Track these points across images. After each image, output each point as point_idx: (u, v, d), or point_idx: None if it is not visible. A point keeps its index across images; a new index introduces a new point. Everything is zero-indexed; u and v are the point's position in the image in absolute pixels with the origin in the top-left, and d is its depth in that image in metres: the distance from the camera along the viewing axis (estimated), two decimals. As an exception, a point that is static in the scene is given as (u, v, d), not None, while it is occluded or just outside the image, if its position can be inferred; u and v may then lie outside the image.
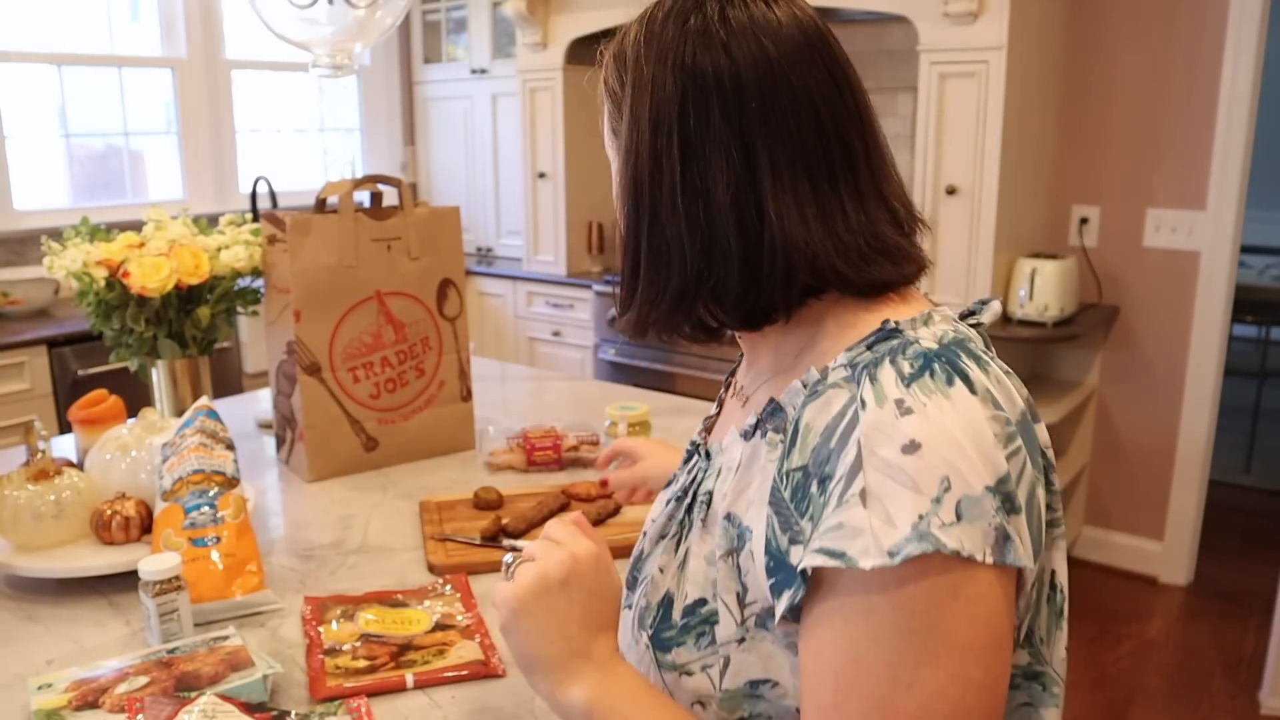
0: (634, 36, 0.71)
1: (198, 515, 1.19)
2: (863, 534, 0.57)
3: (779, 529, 0.62)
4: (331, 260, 1.57)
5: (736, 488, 0.68)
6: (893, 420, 0.58)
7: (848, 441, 0.60)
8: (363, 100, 4.55)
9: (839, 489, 0.59)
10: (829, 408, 0.62)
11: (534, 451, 1.64)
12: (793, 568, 0.61)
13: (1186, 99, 2.94)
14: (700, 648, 0.68)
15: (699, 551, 0.70)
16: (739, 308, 0.69)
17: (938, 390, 0.60)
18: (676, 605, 0.70)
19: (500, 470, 1.65)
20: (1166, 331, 3.08)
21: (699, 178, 0.66)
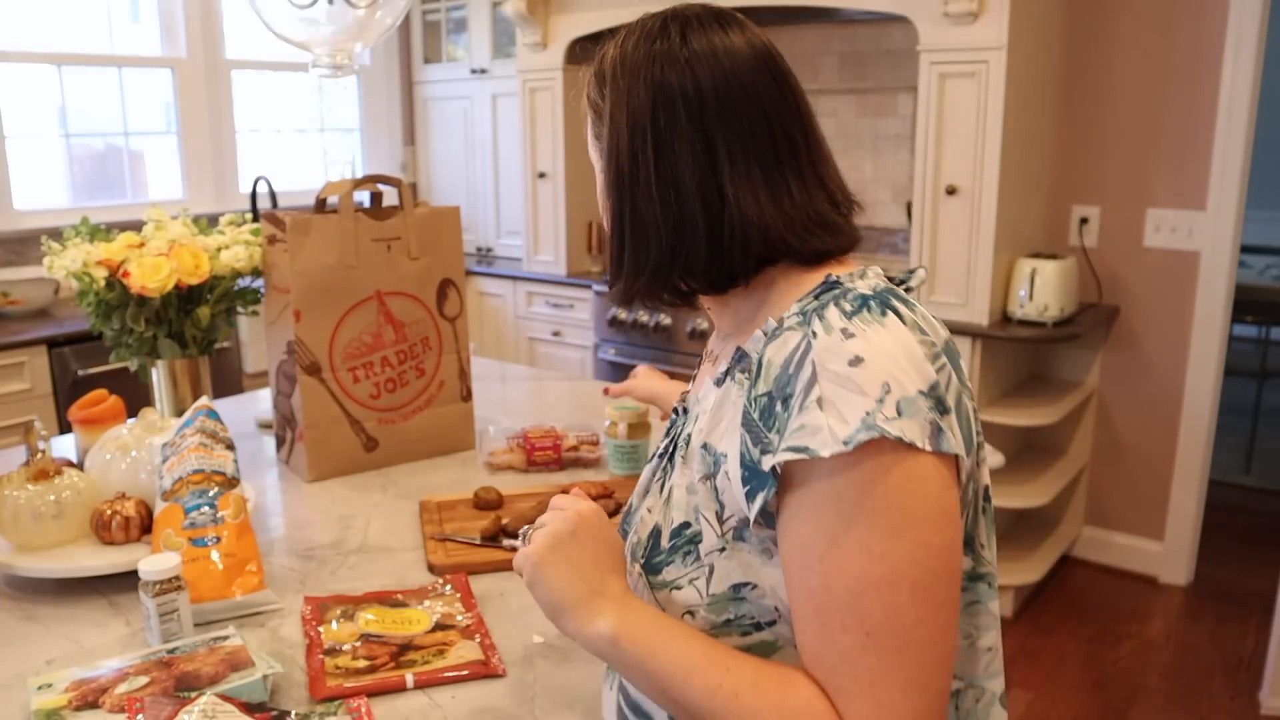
0: (611, 57, 0.86)
1: (198, 515, 1.19)
2: (821, 430, 0.69)
3: (751, 445, 0.74)
4: (331, 260, 1.57)
5: (711, 423, 0.80)
6: (839, 343, 0.72)
7: (804, 364, 0.72)
8: (363, 100, 4.55)
9: (799, 400, 0.71)
10: (786, 345, 0.75)
11: (534, 451, 1.64)
12: (764, 473, 0.72)
13: (1186, 99, 2.94)
14: (686, 564, 0.80)
15: (680, 483, 0.82)
16: (707, 275, 0.82)
17: (875, 320, 0.73)
18: (664, 533, 0.82)
19: (500, 470, 1.65)
20: (1166, 331, 3.08)
21: (670, 170, 0.80)
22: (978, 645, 0.83)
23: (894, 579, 0.69)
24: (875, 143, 3.50)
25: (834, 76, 3.54)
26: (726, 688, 0.73)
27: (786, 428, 0.71)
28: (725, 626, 0.78)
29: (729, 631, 0.78)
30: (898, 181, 3.48)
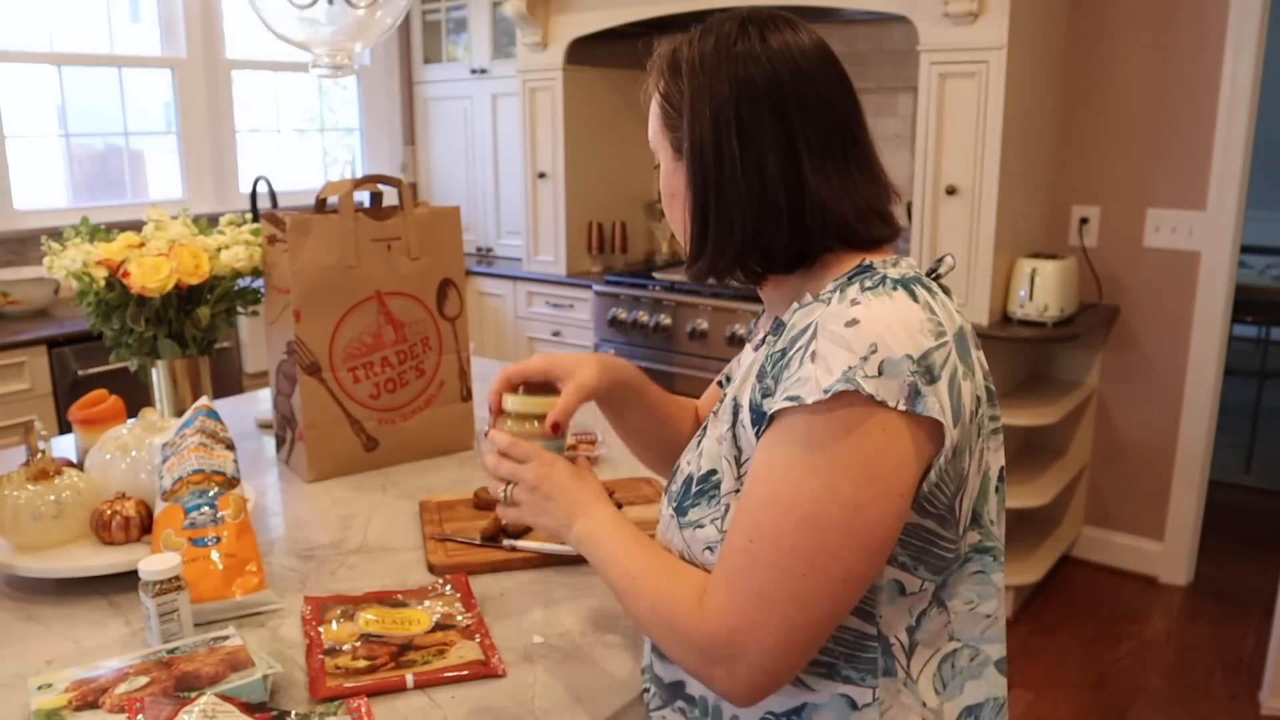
0: (689, 55, 0.92)
1: (198, 515, 1.19)
2: (809, 381, 0.78)
3: (758, 392, 0.84)
4: (331, 260, 1.57)
5: (743, 380, 0.89)
6: (844, 309, 0.81)
7: (809, 325, 0.82)
8: (363, 100, 4.55)
9: (798, 355, 0.81)
10: (810, 314, 0.84)
11: None
12: (765, 415, 0.82)
13: (1186, 99, 2.94)
14: (709, 506, 0.88)
15: (713, 435, 0.91)
16: (784, 257, 0.90)
17: (884, 294, 0.82)
18: (694, 480, 0.91)
19: None
20: (1166, 331, 3.08)
21: (755, 159, 0.88)
22: (977, 611, 0.92)
23: (791, 505, 0.78)
24: (875, 142, 3.50)
25: (834, 76, 3.53)
26: (629, 573, 0.89)
27: (783, 378, 0.81)
28: None
29: None
30: (898, 181, 3.42)
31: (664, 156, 0.97)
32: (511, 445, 0.99)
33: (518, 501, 0.98)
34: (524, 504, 0.98)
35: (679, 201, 0.95)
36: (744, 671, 0.80)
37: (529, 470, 0.98)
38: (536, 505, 0.97)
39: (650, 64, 1.00)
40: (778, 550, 0.78)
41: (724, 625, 0.80)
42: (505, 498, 0.99)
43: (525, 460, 0.98)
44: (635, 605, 0.89)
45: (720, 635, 0.80)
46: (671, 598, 0.85)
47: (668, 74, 0.96)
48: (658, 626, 0.86)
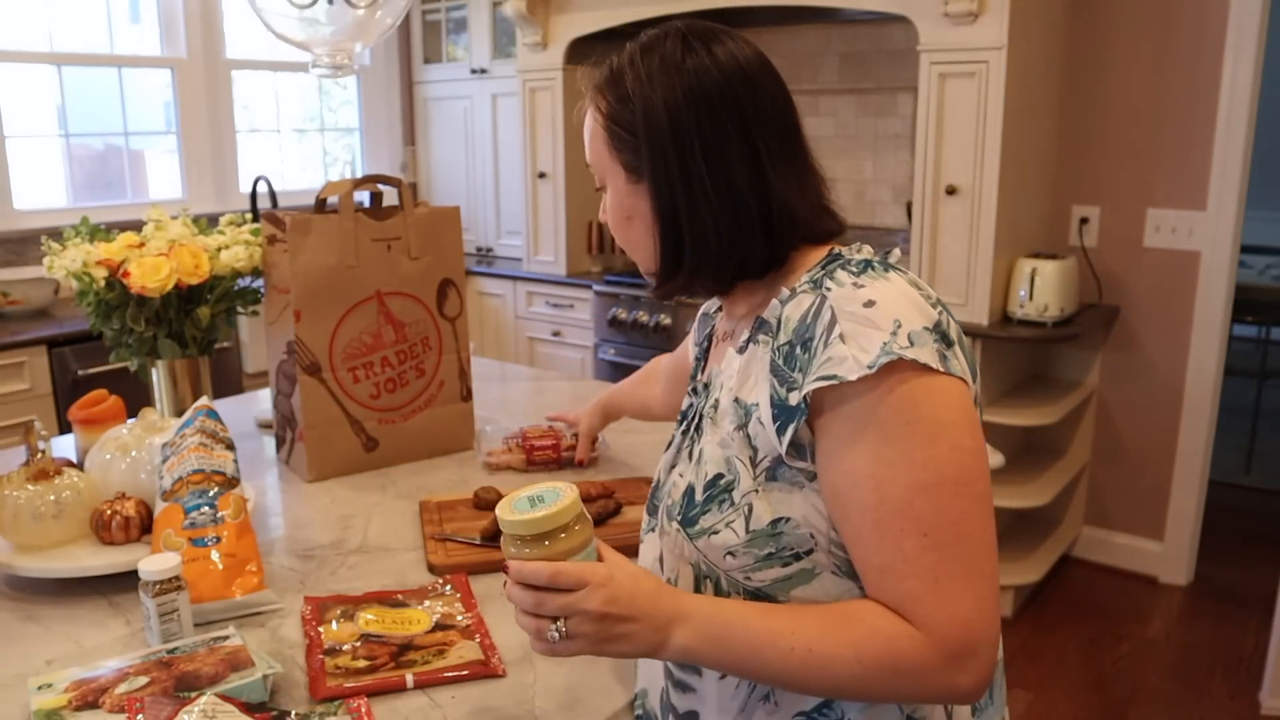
0: (635, 74, 0.92)
1: (198, 515, 1.19)
2: (846, 360, 0.78)
3: (779, 386, 0.83)
4: (331, 260, 1.57)
5: (740, 381, 0.88)
6: (853, 291, 0.82)
7: (821, 312, 0.82)
8: (363, 100, 4.55)
9: (822, 340, 0.80)
10: (801, 304, 0.85)
11: (533, 451, 1.64)
12: (792, 407, 0.81)
13: (1186, 99, 2.94)
14: (722, 510, 0.86)
15: (712, 441, 0.89)
16: (759, 263, 0.90)
17: (880, 276, 0.84)
18: (697, 489, 0.89)
19: (499, 470, 1.65)
20: (1166, 331, 3.08)
21: (722, 173, 0.87)
22: None
23: (938, 481, 0.77)
24: (875, 143, 3.50)
25: (834, 76, 3.54)
26: (798, 648, 0.79)
27: (811, 365, 0.80)
28: (767, 560, 0.84)
29: (770, 564, 0.84)
30: (898, 181, 3.47)
31: (613, 180, 0.95)
32: (555, 575, 0.79)
33: (578, 634, 0.80)
34: (589, 635, 0.80)
35: (637, 223, 0.93)
36: (986, 656, 0.77)
37: (589, 598, 0.79)
38: (608, 632, 0.80)
39: (583, 86, 1.01)
40: (954, 525, 0.77)
41: (958, 627, 0.76)
42: (558, 635, 0.80)
43: (578, 587, 0.79)
44: (827, 676, 0.79)
45: (958, 638, 0.76)
46: (875, 642, 0.77)
47: (610, 95, 0.95)
48: (876, 679, 0.78)
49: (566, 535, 0.81)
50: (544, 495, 0.83)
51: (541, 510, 0.80)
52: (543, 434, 1.67)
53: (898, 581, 0.78)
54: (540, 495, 0.83)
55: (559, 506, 0.81)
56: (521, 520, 0.80)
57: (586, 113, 0.99)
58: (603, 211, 0.99)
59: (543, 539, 0.81)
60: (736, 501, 0.85)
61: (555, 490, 0.83)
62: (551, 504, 0.81)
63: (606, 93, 0.96)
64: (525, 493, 0.83)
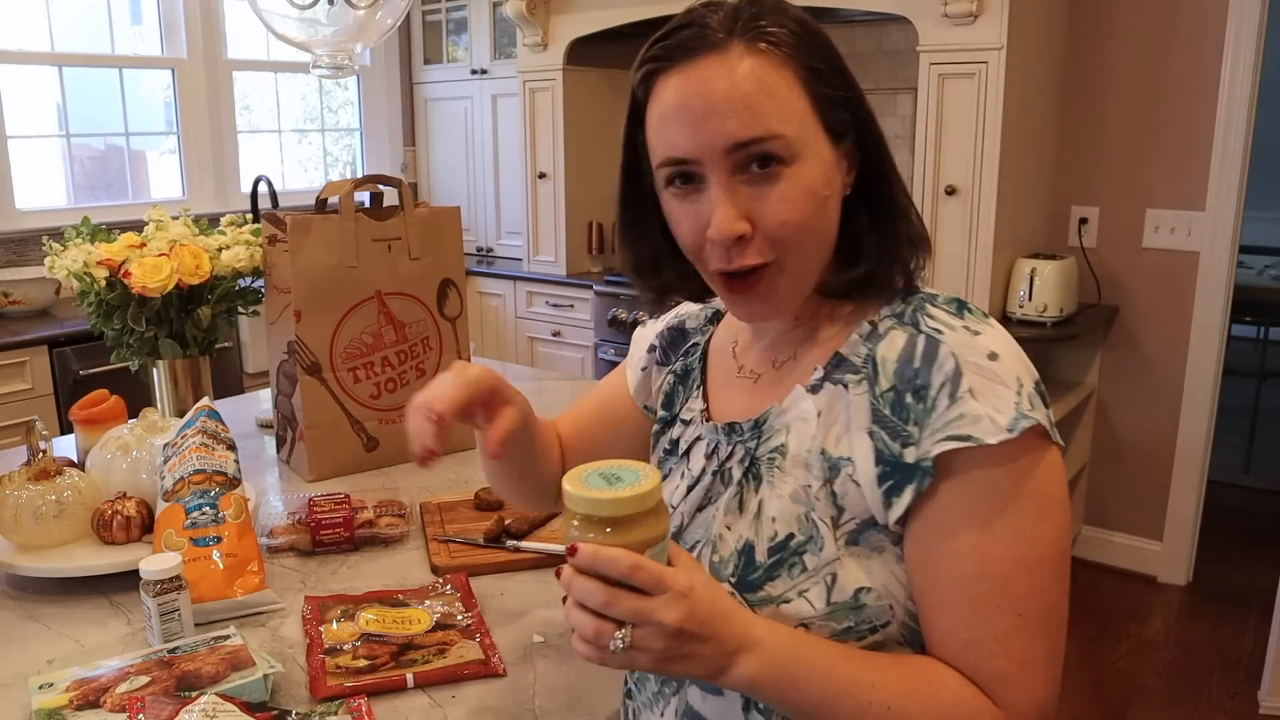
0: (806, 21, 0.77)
1: (199, 515, 1.19)
2: (981, 420, 0.70)
3: (889, 440, 0.74)
4: (332, 260, 1.57)
5: (823, 429, 0.78)
6: (970, 338, 0.74)
7: (935, 358, 0.73)
8: (363, 100, 4.55)
9: (944, 392, 0.72)
10: (896, 344, 0.76)
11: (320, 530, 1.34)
12: (910, 465, 0.72)
13: (1186, 99, 2.94)
14: (793, 577, 0.76)
15: (782, 493, 0.79)
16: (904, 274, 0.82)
17: (984, 320, 0.76)
18: (758, 548, 0.79)
19: (280, 554, 1.38)
20: (1165, 332, 3.08)
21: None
22: None
23: (1040, 561, 0.72)
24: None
25: (834, 77, 3.53)
26: (876, 703, 0.71)
27: (929, 419, 0.72)
28: (844, 635, 0.75)
29: (846, 639, 0.75)
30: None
31: (814, 149, 0.75)
32: (636, 569, 0.65)
33: (644, 649, 0.66)
34: (655, 652, 0.66)
35: (833, 205, 0.78)
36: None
37: (668, 609, 0.65)
38: (676, 651, 0.67)
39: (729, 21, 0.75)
40: (1047, 609, 0.73)
41: (1035, 711, 0.73)
42: (621, 645, 0.66)
43: (657, 590, 0.65)
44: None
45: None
46: (958, 713, 0.72)
47: (799, 30, 0.75)
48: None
49: (644, 524, 0.67)
50: (620, 473, 0.69)
51: (624, 490, 0.66)
52: (333, 506, 1.36)
53: (984, 659, 0.72)
54: (615, 473, 0.69)
55: (644, 487, 0.67)
56: (603, 499, 0.66)
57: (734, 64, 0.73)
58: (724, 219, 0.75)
59: (617, 525, 0.66)
60: (811, 567, 0.76)
61: (633, 470, 0.69)
62: (632, 484, 0.67)
63: (787, 31, 0.75)
64: (595, 468, 0.70)
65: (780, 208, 0.75)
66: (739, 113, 0.73)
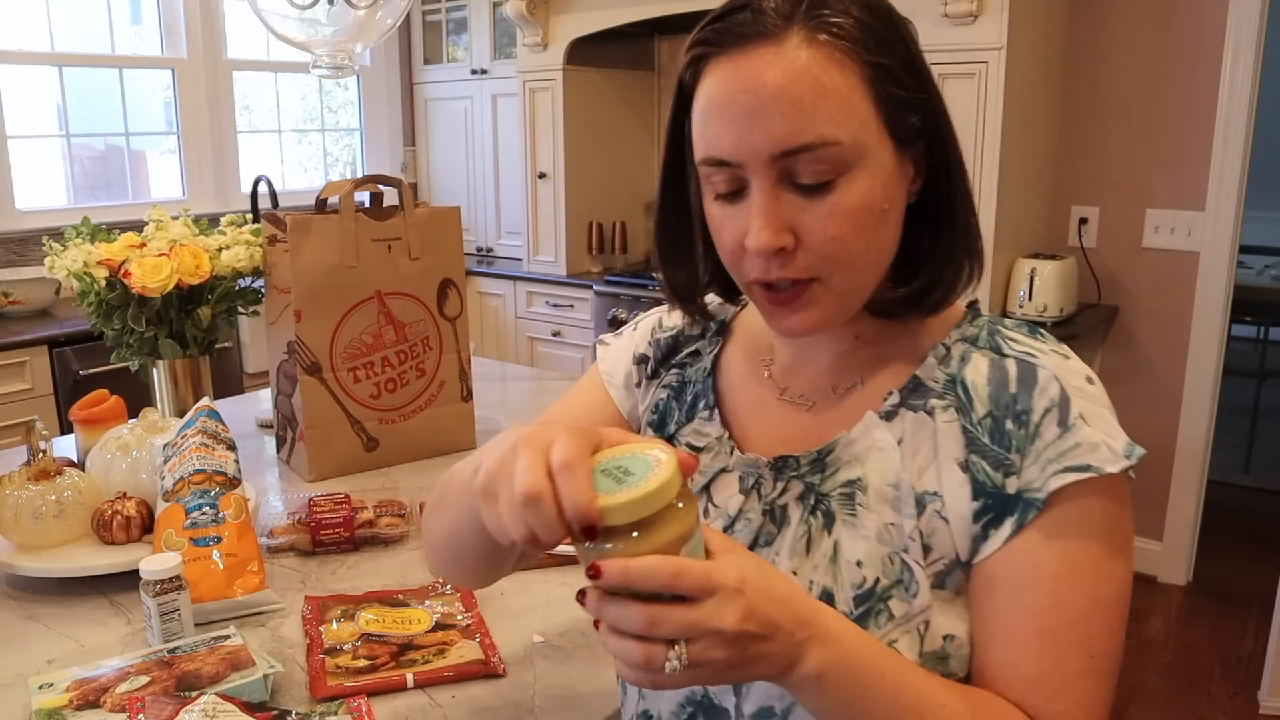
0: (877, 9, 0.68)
1: (199, 515, 1.19)
2: (1099, 447, 0.66)
3: (990, 469, 0.68)
4: (332, 260, 1.57)
5: (907, 459, 0.71)
6: (1064, 361, 0.70)
7: (1035, 382, 0.68)
8: (363, 100, 4.55)
9: (1051, 418, 0.67)
10: (980, 368, 0.71)
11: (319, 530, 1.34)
12: (1012, 496, 0.67)
13: (1186, 99, 2.94)
14: (881, 626, 0.69)
15: (866, 533, 0.71)
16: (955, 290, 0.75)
17: (1057, 343, 0.72)
18: (840, 596, 0.70)
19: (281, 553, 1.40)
20: (1165, 332, 3.08)
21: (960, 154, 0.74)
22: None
23: (1115, 600, 0.68)
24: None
25: (834, 77, 3.53)
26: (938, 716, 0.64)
27: (1034, 447, 0.67)
28: None
29: None
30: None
31: (873, 156, 0.67)
32: (679, 575, 0.54)
33: (706, 662, 0.56)
34: (719, 662, 0.57)
35: (892, 220, 0.70)
36: None
37: (723, 611, 0.55)
38: (742, 655, 0.57)
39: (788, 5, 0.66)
40: (1114, 653, 0.69)
41: None
42: (678, 665, 0.55)
43: (705, 593, 0.55)
44: None
45: None
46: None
47: (868, 20, 0.66)
48: None
49: (673, 518, 0.55)
50: (626, 463, 0.57)
51: (640, 487, 0.54)
52: (333, 506, 1.37)
53: (1050, 699, 0.67)
54: (621, 463, 0.57)
55: (663, 475, 0.54)
56: (621, 504, 0.54)
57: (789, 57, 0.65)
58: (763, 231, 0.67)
59: (641, 528, 0.55)
60: (900, 615, 0.69)
61: (641, 455, 0.57)
62: (646, 476, 0.55)
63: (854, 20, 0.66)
64: (601, 462, 0.58)
65: (829, 224, 0.67)
66: (788, 114, 0.65)
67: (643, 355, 0.90)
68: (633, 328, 0.93)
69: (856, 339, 0.78)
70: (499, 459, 0.59)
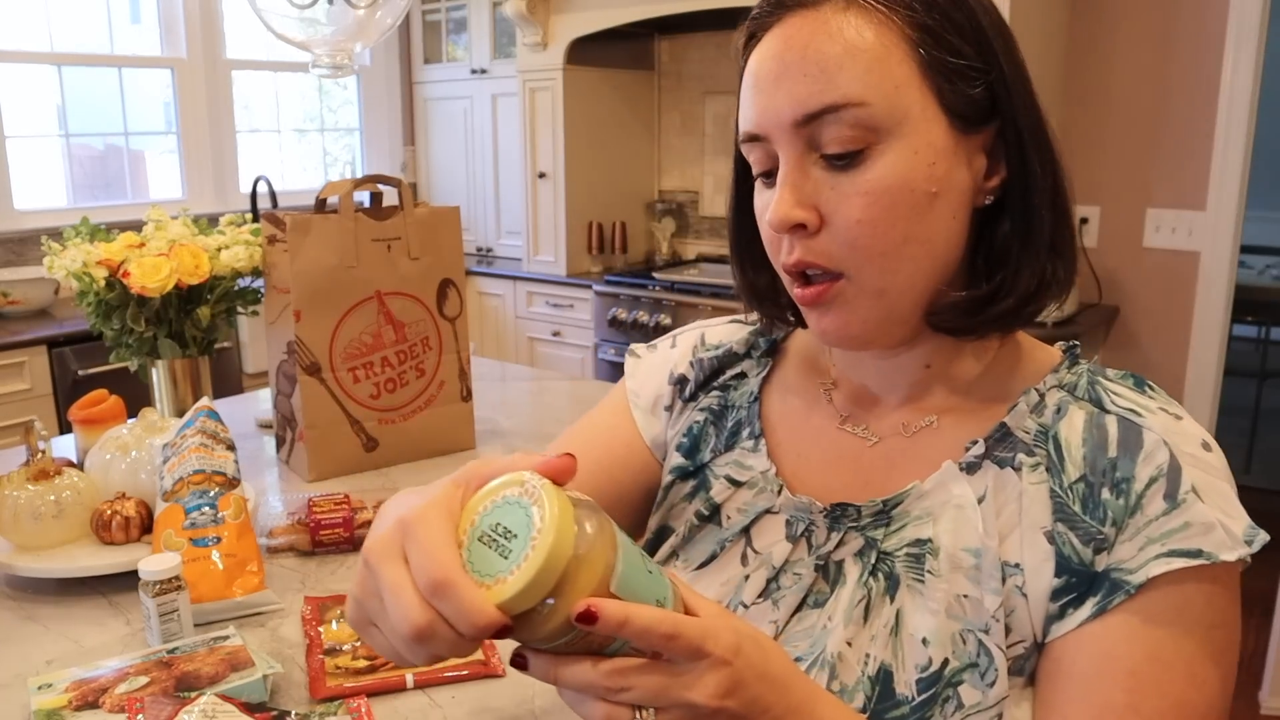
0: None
1: (198, 515, 1.19)
2: (1214, 529, 0.57)
3: (1078, 542, 0.59)
4: (331, 260, 1.57)
5: (988, 522, 0.62)
6: (1175, 423, 0.61)
7: (1140, 445, 0.60)
8: (363, 100, 4.55)
9: (1156, 490, 0.58)
10: (1075, 423, 0.62)
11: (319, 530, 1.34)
12: (1099, 575, 0.58)
13: (1186, 99, 2.94)
14: (948, 715, 0.59)
15: (935, 605, 0.61)
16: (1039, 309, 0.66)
17: (1169, 399, 0.63)
18: (901, 678, 0.61)
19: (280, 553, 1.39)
20: (1166, 332, 3.08)
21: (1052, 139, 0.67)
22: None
23: (1205, 711, 0.57)
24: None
25: (834, 76, 3.53)
26: None
27: (1133, 522, 0.58)
28: None
29: None
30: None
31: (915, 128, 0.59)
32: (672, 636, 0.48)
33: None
34: None
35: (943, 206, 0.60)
36: None
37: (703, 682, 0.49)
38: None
39: None
40: None
41: None
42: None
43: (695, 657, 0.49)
44: None
45: None
46: None
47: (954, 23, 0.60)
48: None
49: (587, 565, 0.47)
50: (504, 521, 0.47)
51: (532, 559, 0.45)
52: (333, 506, 1.36)
53: None
54: (499, 524, 0.47)
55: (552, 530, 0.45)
56: (520, 590, 0.45)
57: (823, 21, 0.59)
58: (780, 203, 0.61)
59: (555, 593, 0.46)
60: (970, 704, 0.59)
61: (514, 502, 0.47)
62: (531, 536, 0.46)
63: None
64: (474, 528, 0.48)
65: (858, 203, 0.59)
66: (812, 75, 0.58)
67: (681, 376, 0.80)
68: (670, 344, 0.83)
69: (928, 368, 0.68)
70: (359, 584, 0.50)
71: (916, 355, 0.68)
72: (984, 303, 0.63)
